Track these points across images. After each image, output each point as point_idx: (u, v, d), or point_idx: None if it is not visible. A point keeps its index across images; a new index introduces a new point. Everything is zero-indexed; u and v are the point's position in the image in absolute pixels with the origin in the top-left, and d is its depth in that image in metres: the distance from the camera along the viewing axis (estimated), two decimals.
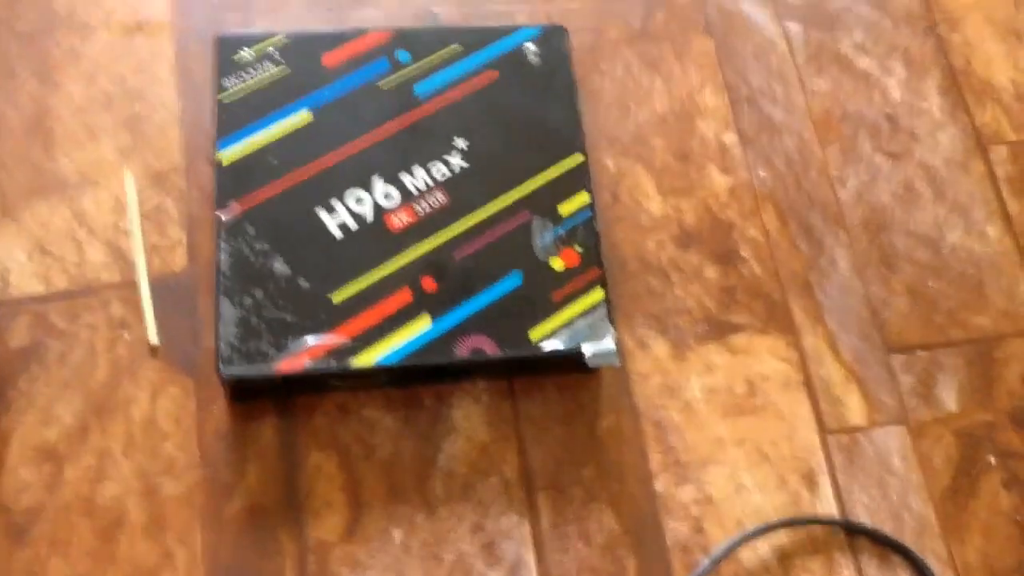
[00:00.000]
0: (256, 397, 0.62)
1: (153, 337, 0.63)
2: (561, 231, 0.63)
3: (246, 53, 0.65)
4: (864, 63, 0.75)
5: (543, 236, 0.63)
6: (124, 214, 0.66)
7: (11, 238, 0.65)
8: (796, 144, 0.72)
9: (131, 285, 0.64)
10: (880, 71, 0.75)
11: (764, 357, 0.66)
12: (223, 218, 0.61)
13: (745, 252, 0.69)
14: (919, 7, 0.78)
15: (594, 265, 0.62)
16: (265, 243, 0.61)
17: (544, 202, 0.63)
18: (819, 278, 0.68)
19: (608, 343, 0.61)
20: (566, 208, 0.63)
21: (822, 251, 0.69)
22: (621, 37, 0.74)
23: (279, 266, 0.60)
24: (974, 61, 0.76)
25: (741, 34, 0.75)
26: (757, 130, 0.72)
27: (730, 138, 0.72)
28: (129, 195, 0.65)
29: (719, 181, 0.70)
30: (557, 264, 0.62)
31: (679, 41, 0.75)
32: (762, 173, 0.71)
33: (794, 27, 0.76)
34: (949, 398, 0.66)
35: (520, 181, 0.64)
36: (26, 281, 0.64)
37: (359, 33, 0.67)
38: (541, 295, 0.61)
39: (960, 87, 0.75)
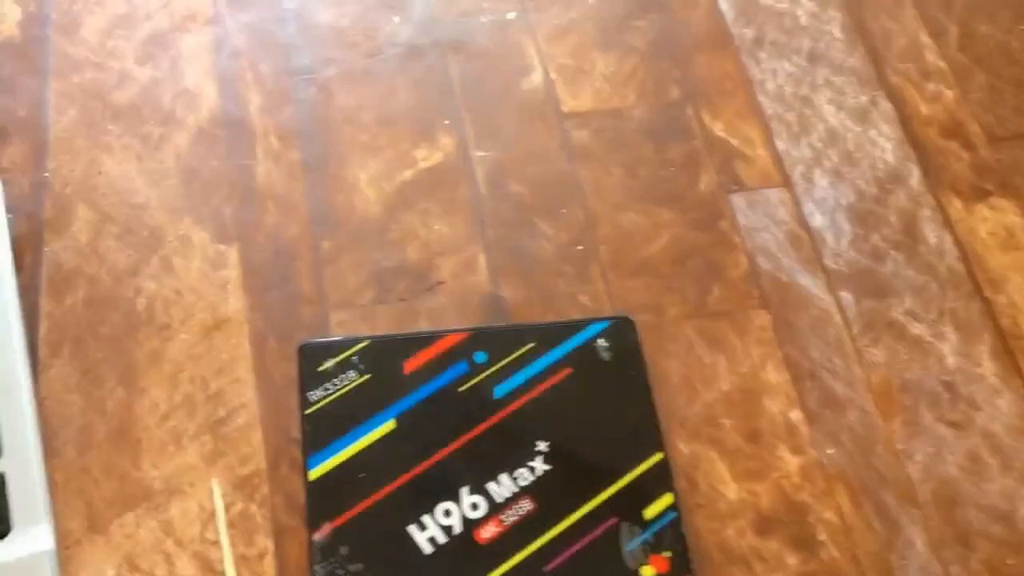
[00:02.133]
0: None
1: None
2: (648, 536, 0.64)
3: (329, 364, 0.67)
4: (917, 329, 0.78)
5: (631, 542, 0.63)
6: (210, 523, 0.66)
7: (100, 554, 0.65)
8: (860, 418, 0.74)
9: None
10: (933, 337, 0.78)
11: None
12: (316, 539, 0.62)
13: (822, 536, 0.69)
14: (961, 268, 0.81)
15: (684, 572, 0.63)
16: (359, 563, 0.61)
17: (629, 505, 0.64)
18: (898, 560, 0.69)
19: None
20: (651, 511, 0.64)
21: (898, 531, 0.70)
22: (680, 314, 0.77)
23: None
24: (1022, 322, 0.79)
25: (796, 306, 0.78)
26: (821, 406, 0.74)
27: (796, 415, 0.73)
28: (217, 506, 0.66)
29: (790, 462, 0.72)
30: (648, 572, 0.63)
31: (737, 316, 0.77)
32: (830, 451, 0.72)
33: (846, 296, 0.79)
34: None
35: (604, 484, 0.65)
36: None
37: (438, 336, 0.69)
38: None
39: (1012, 350, 0.78)
